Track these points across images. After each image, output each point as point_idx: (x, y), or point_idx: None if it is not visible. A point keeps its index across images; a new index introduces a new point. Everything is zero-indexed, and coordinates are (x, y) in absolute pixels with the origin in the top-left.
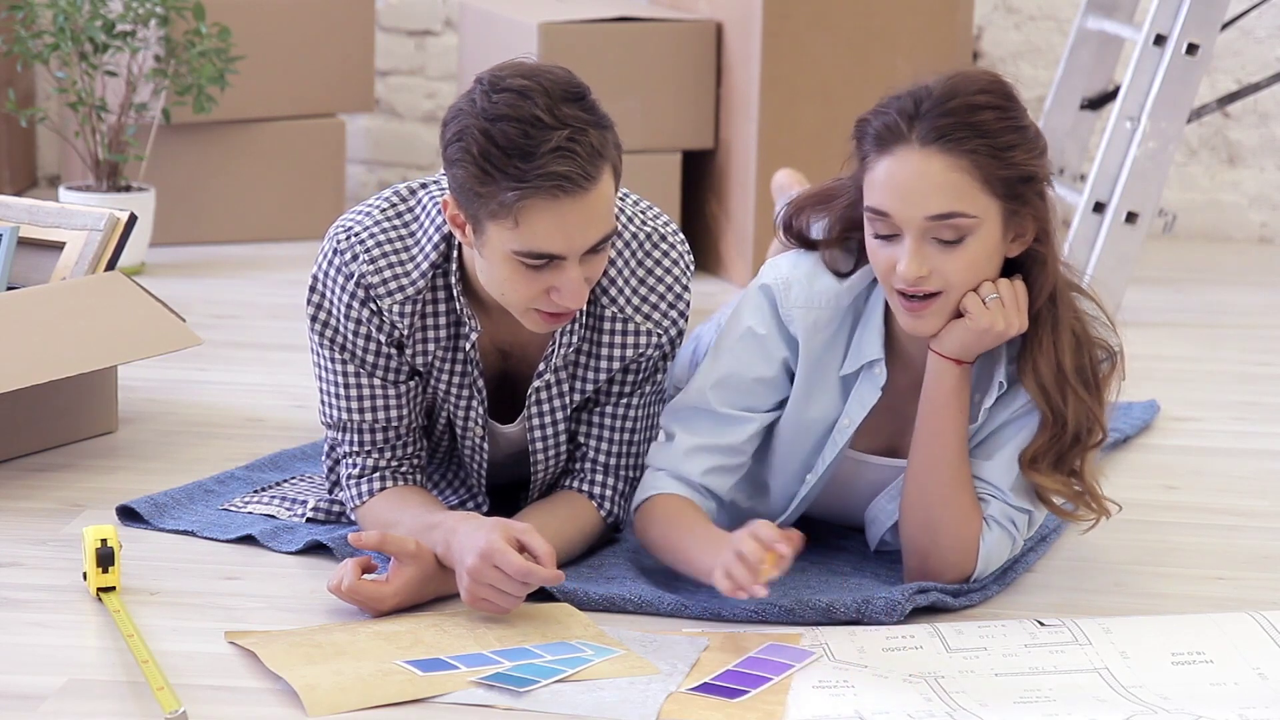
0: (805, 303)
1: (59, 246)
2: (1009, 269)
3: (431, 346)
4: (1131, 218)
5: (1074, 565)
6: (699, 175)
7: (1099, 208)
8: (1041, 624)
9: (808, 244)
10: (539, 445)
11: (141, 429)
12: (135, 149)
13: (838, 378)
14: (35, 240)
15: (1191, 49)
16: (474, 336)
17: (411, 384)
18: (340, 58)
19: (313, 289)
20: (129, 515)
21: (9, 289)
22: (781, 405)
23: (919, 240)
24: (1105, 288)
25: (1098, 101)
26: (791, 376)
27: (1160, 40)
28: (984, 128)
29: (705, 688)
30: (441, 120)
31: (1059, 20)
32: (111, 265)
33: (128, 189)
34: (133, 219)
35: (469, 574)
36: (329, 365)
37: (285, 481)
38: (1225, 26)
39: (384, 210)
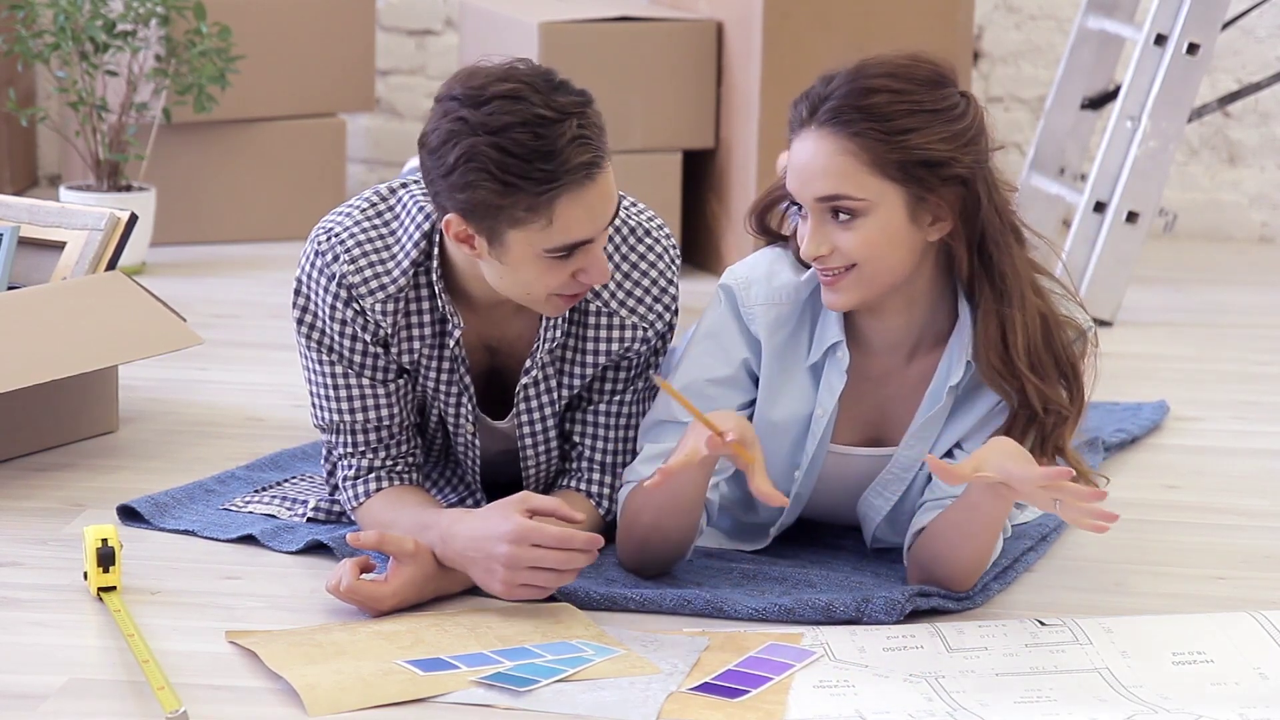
0: (766, 299)
1: (59, 246)
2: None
3: (417, 344)
4: (1132, 217)
5: (1074, 565)
6: (699, 175)
7: (1100, 207)
8: (1042, 624)
9: (782, 239)
10: (528, 441)
11: (142, 429)
12: (136, 148)
13: (806, 369)
14: (36, 240)
15: (1192, 48)
16: (457, 334)
17: (400, 382)
18: (340, 57)
19: (297, 291)
20: (129, 515)
21: (9, 289)
22: (745, 407)
23: (817, 219)
24: (1105, 288)
25: (1098, 101)
26: (753, 378)
27: (1161, 40)
28: (875, 111)
29: (706, 687)
30: (425, 147)
31: (1059, 20)
32: (112, 265)
33: (128, 188)
34: (133, 219)
35: (505, 564)
36: (317, 367)
37: (286, 481)
38: (1226, 26)
39: (364, 210)
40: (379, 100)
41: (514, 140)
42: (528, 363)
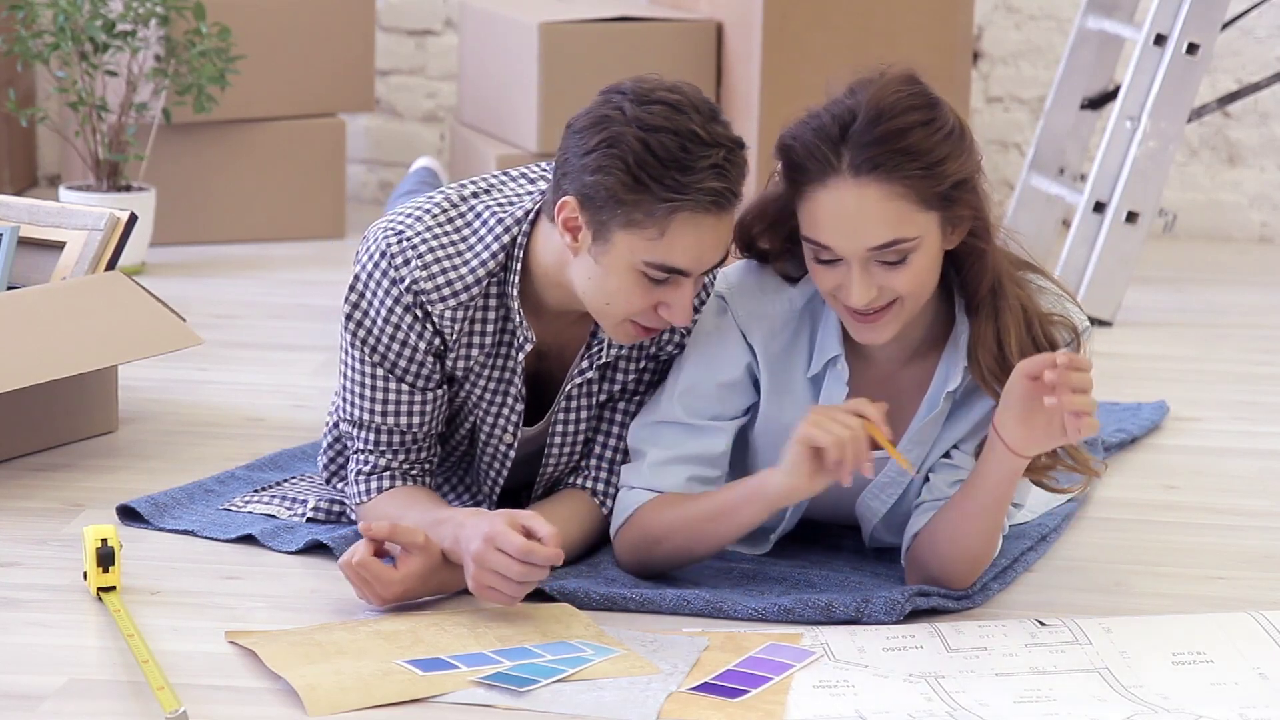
0: (759, 309)
1: (59, 246)
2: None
3: (475, 353)
4: (1132, 217)
5: (1074, 565)
6: None
7: (1099, 207)
8: (1042, 624)
9: (765, 258)
10: (557, 443)
11: (142, 429)
12: (135, 149)
13: (806, 380)
14: (35, 240)
15: (1192, 49)
16: (528, 348)
17: (439, 392)
18: (340, 57)
19: (352, 288)
20: (129, 515)
21: (9, 289)
22: (747, 411)
23: (863, 267)
24: (1105, 288)
25: (1098, 101)
26: (755, 382)
27: (1160, 40)
28: (915, 149)
29: (705, 687)
30: (568, 128)
31: (1059, 20)
32: (112, 265)
33: (128, 189)
34: (133, 219)
35: (474, 559)
36: (356, 365)
37: (285, 481)
38: (1225, 26)
39: (435, 216)
40: (379, 100)
41: (660, 143)
42: (583, 364)
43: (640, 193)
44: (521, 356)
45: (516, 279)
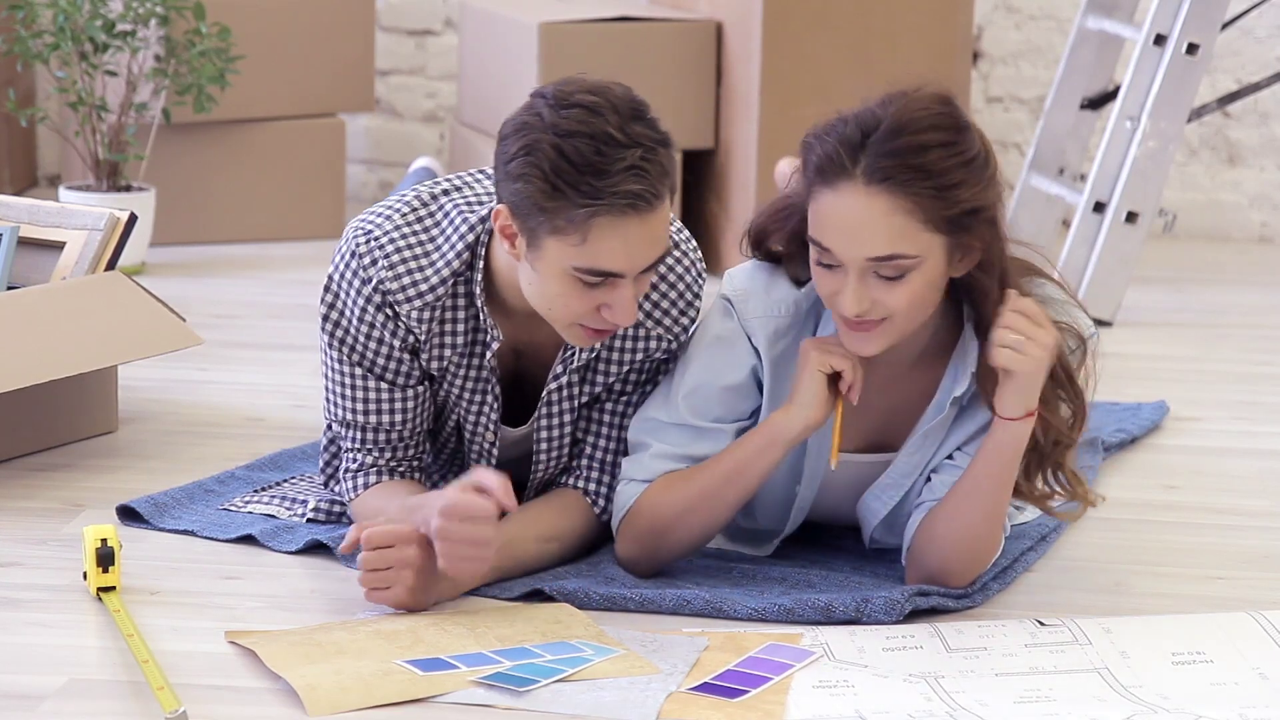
0: (764, 312)
1: (59, 246)
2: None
3: (448, 352)
4: (1131, 217)
5: (1074, 565)
6: (699, 175)
7: (1099, 207)
8: (1041, 624)
9: (776, 259)
10: (543, 445)
11: (142, 429)
12: (135, 149)
13: None
14: (35, 240)
15: (1191, 49)
16: (495, 346)
17: (420, 389)
18: (340, 57)
19: (327, 289)
20: (129, 515)
21: (9, 289)
22: (751, 415)
23: (860, 276)
24: (1105, 288)
25: (1098, 101)
26: (759, 385)
27: (1160, 40)
28: (930, 169)
29: (705, 687)
30: (498, 134)
31: (1059, 20)
32: (111, 265)
33: (128, 189)
34: (133, 219)
35: (438, 537)
36: (336, 366)
37: (285, 481)
38: (1225, 26)
39: (404, 215)
40: (379, 100)
41: (574, 148)
42: (558, 368)
43: (559, 199)
44: (490, 355)
45: (480, 278)
